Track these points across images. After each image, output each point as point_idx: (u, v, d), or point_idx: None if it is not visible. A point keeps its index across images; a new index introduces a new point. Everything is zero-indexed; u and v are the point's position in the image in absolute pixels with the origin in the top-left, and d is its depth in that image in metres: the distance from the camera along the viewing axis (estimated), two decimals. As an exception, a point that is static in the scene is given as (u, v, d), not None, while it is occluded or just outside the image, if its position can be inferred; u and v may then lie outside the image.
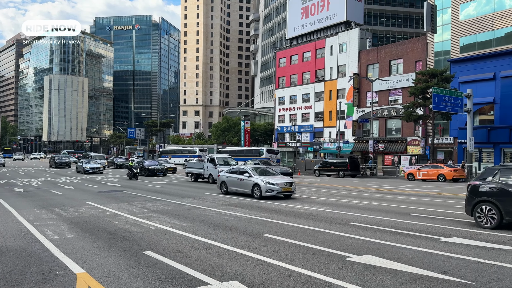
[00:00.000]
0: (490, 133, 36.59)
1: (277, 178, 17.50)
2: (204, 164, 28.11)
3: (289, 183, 17.27)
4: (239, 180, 18.26)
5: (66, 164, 51.58)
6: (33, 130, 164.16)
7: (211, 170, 26.94)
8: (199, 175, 28.85)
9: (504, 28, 36.15)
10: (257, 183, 17.09)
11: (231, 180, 18.83)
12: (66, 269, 6.51)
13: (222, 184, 19.34)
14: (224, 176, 19.42)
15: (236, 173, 18.78)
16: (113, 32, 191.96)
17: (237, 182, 18.39)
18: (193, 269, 6.41)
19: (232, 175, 18.93)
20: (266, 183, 16.83)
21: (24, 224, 10.92)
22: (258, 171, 18.48)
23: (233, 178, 18.71)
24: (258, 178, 17.40)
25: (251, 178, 17.59)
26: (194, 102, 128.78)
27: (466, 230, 9.88)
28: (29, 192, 20.29)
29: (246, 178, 17.78)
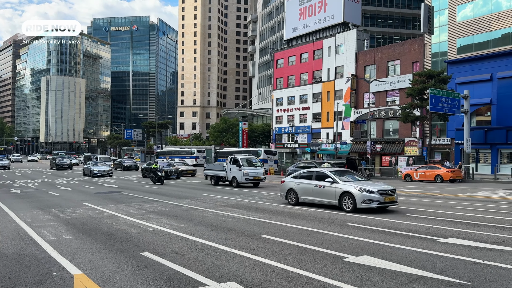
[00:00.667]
0: (487, 134, 36.72)
1: (374, 185, 13.64)
2: (226, 166, 25.88)
3: (391, 190, 13.28)
4: (317, 187, 14.23)
5: (68, 166, 49.52)
6: (30, 131, 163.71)
7: (235, 173, 24.98)
8: (220, 178, 26.85)
9: (501, 29, 36.31)
10: (348, 192, 13.14)
11: (303, 188, 14.80)
12: (64, 270, 6.50)
13: (289, 193, 15.35)
14: (293, 183, 15.34)
15: (311, 178, 14.75)
16: (110, 33, 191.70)
17: (314, 190, 14.35)
18: (190, 270, 6.40)
19: (304, 181, 14.89)
20: (364, 191, 12.87)
21: (21, 225, 10.89)
22: (345, 176, 14.47)
23: (307, 185, 14.67)
24: (348, 184, 13.50)
25: (336, 185, 13.61)
26: (191, 103, 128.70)
27: (463, 231, 9.91)
28: (26, 193, 20.23)
29: (329, 185, 13.81)
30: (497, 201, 16.88)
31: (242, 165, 24.74)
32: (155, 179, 27.36)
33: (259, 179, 25.11)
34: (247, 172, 24.51)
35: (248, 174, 24.49)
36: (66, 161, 51.13)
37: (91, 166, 36.85)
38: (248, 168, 24.75)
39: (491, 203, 16.28)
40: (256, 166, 25.73)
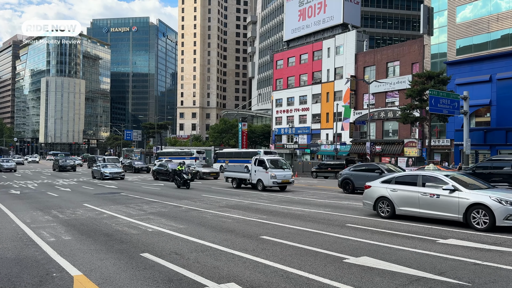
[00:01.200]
0: (487, 135, 36.73)
1: None
2: (250, 168, 24.02)
3: None
4: (426, 196, 10.99)
5: (71, 167, 47.56)
6: (29, 132, 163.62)
7: (260, 175, 22.91)
8: (242, 181, 25.03)
9: (500, 30, 36.34)
10: (480, 203, 9.96)
11: (403, 196, 11.62)
12: (63, 271, 6.50)
13: (380, 202, 12.23)
14: (385, 189, 12.18)
15: (415, 184, 11.51)
16: (110, 34, 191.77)
17: (422, 200, 11.11)
18: (190, 271, 6.40)
19: (404, 188, 11.68)
20: (508, 204, 9.68)
21: (21, 226, 10.88)
22: (468, 181, 11.34)
23: (409, 193, 11.49)
24: (478, 193, 10.28)
25: (458, 194, 10.43)
26: (191, 104, 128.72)
27: (463, 232, 9.91)
28: (25, 194, 20.21)
29: (447, 194, 10.60)
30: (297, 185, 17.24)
31: (268, 167, 22.64)
32: (180, 182, 24.71)
33: (287, 182, 22.77)
34: (275, 175, 22.30)
35: (276, 177, 22.25)
36: (69, 162, 49.11)
37: (101, 168, 34.00)
38: (275, 170, 22.55)
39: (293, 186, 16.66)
40: (284, 168, 23.46)
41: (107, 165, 35.91)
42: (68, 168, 46.96)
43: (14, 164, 47.63)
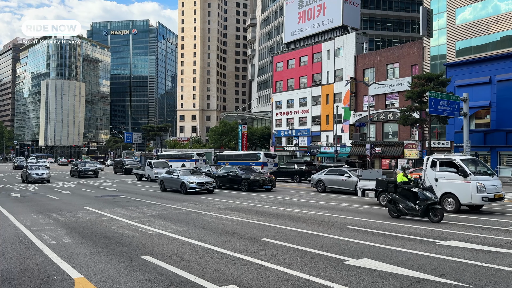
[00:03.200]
0: (487, 137, 36.75)
1: None
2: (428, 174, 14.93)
3: None
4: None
5: (93, 173, 40.21)
6: (29, 135, 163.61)
7: (450, 187, 14.03)
8: None
9: (500, 32, 36.41)
10: None
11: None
12: (64, 274, 6.50)
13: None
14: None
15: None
16: (110, 36, 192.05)
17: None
18: (191, 274, 6.41)
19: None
20: None
21: (21, 229, 10.88)
22: None
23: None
24: None
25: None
26: (191, 106, 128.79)
27: (463, 233, 9.92)
28: (25, 197, 20.21)
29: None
30: (496, 204, 16.89)
31: (470, 172, 13.78)
32: None
33: (500, 197, 14.04)
34: (483, 186, 13.42)
35: (485, 190, 13.40)
36: (90, 167, 41.56)
37: (180, 176, 23.08)
38: (485, 179, 13.77)
39: (491, 205, 16.28)
40: (493, 175, 14.45)
41: (176, 171, 24.02)
42: (90, 173, 39.93)
43: (46, 172, 32.54)
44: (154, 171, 32.57)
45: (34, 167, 33.76)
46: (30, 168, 32.59)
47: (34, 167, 33.76)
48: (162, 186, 24.32)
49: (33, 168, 33.19)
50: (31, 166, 33.87)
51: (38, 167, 34.15)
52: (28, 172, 31.64)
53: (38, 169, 32.92)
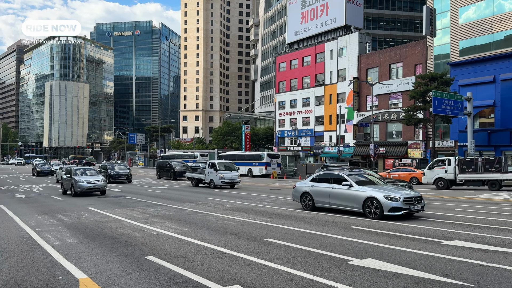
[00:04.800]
0: (491, 136, 36.59)
1: None
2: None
3: None
4: None
5: (126, 177, 33.36)
6: (34, 136, 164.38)
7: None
8: None
9: (504, 31, 36.26)
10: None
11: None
12: (69, 275, 6.53)
13: None
14: None
15: None
16: (113, 38, 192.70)
17: None
18: (195, 274, 6.42)
19: None
20: None
21: (26, 230, 10.94)
22: None
23: None
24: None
25: None
26: (194, 107, 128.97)
27: (467, 233, 9.88)
28: (30, 198, 20.30)
29: None
30: (502, 203, 16.82)
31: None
32: None
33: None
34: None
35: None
36: (121, 170, 34.13)
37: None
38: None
39: (496, 205, 16.23)
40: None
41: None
42: (122, 178, 33.10)
43: (101, 179, 22.64)
44: (219, 175, 26.17)
45: (81, 171, 23.20)
46: (75, 174, 22.47)
47: (81, 171, 23.20)
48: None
49: (81, 173, 22.95)
50: (76, 170, 23.16)
51: (86, 171, 23.56)
52: (74, 179, 21.64)
53: (87, 175, 22.78)
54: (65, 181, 22.91)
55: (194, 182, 29.01)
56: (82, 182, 21.05)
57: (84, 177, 21.76)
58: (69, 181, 21.84)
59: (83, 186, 21.02)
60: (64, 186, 23.05)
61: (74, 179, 21.43)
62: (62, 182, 23.39)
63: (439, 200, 18.23)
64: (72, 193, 21.37)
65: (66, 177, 22.70)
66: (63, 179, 23.28)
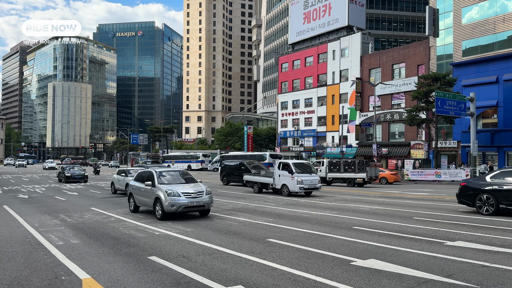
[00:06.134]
0: (494, 137, 36.47)
1: None
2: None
3: None
4: None
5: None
6: (37, 137, 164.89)
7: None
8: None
9: (507, 31, 36.14)
10: None
11: None
12: (72, 275, 6.54)
13: None
14: None
15: None
16: (116, 38, 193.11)
17: None
18: (198, 274, 6.42)
19: None
20: None
21: (29, 230, 10.97)
22: None
23: None
24: None
25: None
26: (197, 107, 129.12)
27: (471, 234, 9.86)
28: (33, 199, 20.36)
29: None
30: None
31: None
32: None
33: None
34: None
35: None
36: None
37: None
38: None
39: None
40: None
41: None
42: None
43: (206, 192, 13.24)
44: (297, 179, 20.41)
45: (171, 176, 14.27)
46: (162, 180, 13.80)
47: (171, 176, 14.27)
48: None
49: (172, 179, 14.21)
50: (161, 174, 14.08)
51: (178, 175, 14.67)
52: (162, 190, 12.93)
53: (182, 182, 14.01)
54: (138, 192, 14.16)
55: (256, 188, 23.72)
56: (178, 196, 12.39)
57: (179, 187, 12.97)
58: (150, 193, 13.25)
59: (180, 203, 12.30)
60: (135, 199, 14.38)
61: (161, 190, 12.65)
62: (132, 193, 14.59)
63: (442, 201, 18.18)
64: (158, 213, 12.64)
65: (143, 186, 13.73)
66: (134, 188, 14.47)
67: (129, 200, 14.98)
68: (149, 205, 13.40)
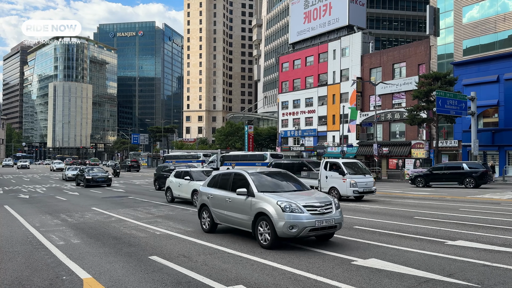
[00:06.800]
0: (495, 136, 36.45)
1: None
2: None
3: None
4: None
5: None
6: (37, 137, 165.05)
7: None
8: None
9: (507, 30, 36.11)
10: None
11: None
12: (73, 275, 6.55)
13: None
14: None
15: None
16: (116, 38, 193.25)
17: None
18: (198, 274, 6.43)
19: None
20: None
21: (30, 230, 10.98)
22: None
23: None
24: None
25: None
26: (197, 107, 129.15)
27: (471, 233, 9.85)
28: (34, 199, 20.38)
29: None
30: (506, 203, 16.75)
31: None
32: None
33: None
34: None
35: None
36: None
37: None
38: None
39: (500, 205, 16.16)
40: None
41: None
42: None
43: None
44: (349, 181, 17.86)
45: None
46: None
47: None
48: None
49: None
50: None
51: None
52: None
53: None
54: (219, 203, 9.79)
55: None
56: (300, 213, 7.99)
57: (293, 196, 8.61)
58: (244, 207, 8.91)
59: (304, 223, 7.93)
60: (213, 214, 9.96)
61: (267, 202, 8.32)
62: (207, 205, 10.19)
63: (442, 200, 18.16)
64: (264, 238, 8.34)
65: (230, 195, 9.44)
66: (212, 198, 10.05)
67: (200, 214, 10.55)
68: (242, 224, 9.01)
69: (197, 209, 11.01)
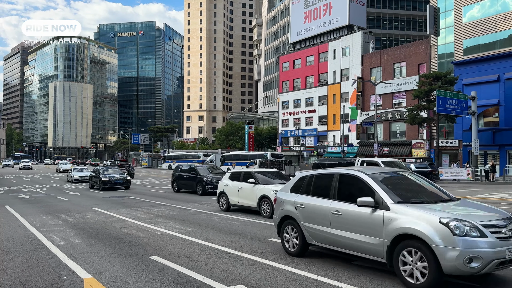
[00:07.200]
0: (495, 135, 36.45)
1: None
2: None
3: None
4: None
5: None
6: (38, 137, 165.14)
7: None
8: None
9: (508, 30, 36.10)
10: None
11: None
12: (74, 275, 6.55)
13: None
14: None
15: None
16: (117, 38, 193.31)
17: None
18: (199, 274, 6.42)
19: None
20: None
21: (31, 230, 10.98)
22: None
23: None
24: None
25: None
26: (198, 107, 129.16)
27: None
28: (35, 199, 20.38)
29: None
30: (507, 203, 16.73)
31: None
32: None
33: None
34: None
35: None
36: None
37: None
38: None
39: (500, 204, 16.14)
40: None
41: None
42: None
43: None
44: None
45: None
46: None
47: None
48: None
49: None
50: None
51: None
52: None
53: None
54: (319, 218, 7.01)
55: None
56: (479, 237, 5.25)
57: (452, 209, 5.89)
58: (373, 225, 6.05)
59: (489, 253, 5.19)
60: (307, 232, 7.29)
61: (421, 220, 5.46)
62: (297, 218, 7.46)
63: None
64: (416, 278, 5.48)
65: (342, 206, 6.61)
66: (305, 208, 7.32)
67: (282, 230, 7.96)
68: (363, 250, 6.26)
69: (275, 223, 8.18)
